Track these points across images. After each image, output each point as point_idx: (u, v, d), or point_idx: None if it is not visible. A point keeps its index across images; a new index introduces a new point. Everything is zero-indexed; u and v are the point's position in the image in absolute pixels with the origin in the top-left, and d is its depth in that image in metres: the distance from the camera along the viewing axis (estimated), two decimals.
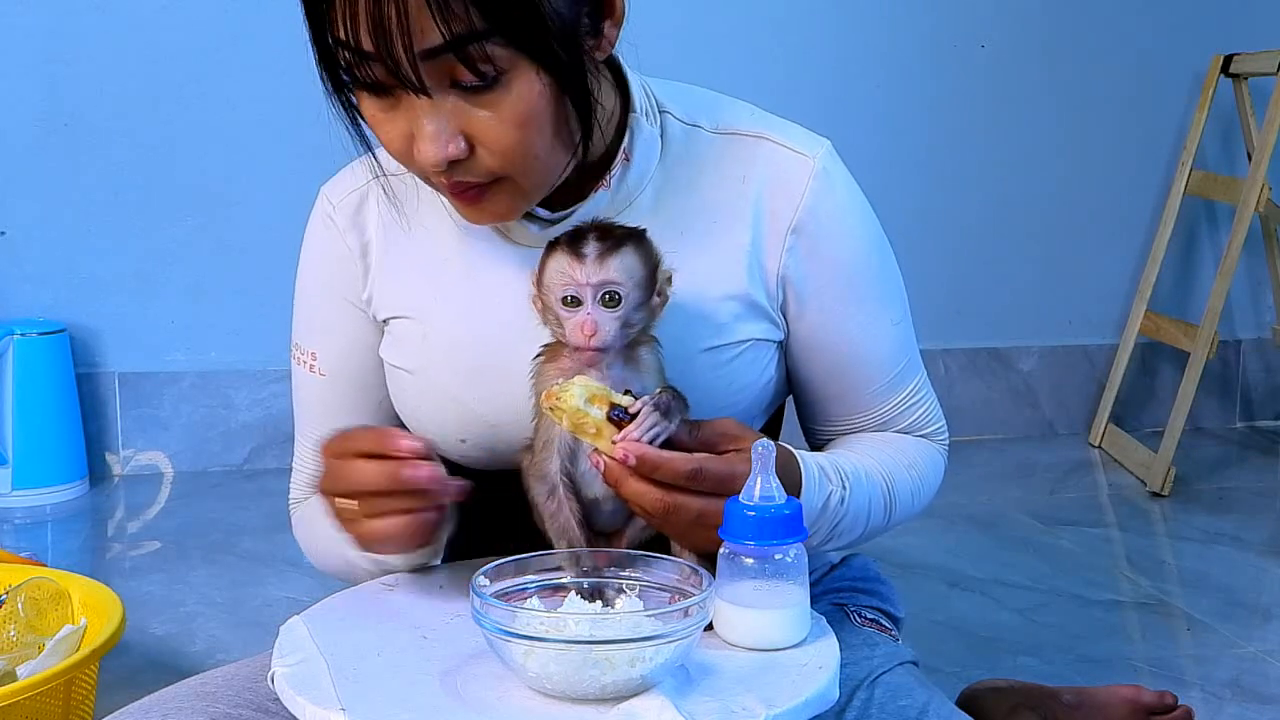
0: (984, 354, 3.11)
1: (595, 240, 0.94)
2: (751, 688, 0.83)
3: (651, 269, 0.96)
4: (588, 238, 0.94)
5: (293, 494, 1.23)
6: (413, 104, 0.92)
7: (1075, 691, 1.50)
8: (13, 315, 2.65)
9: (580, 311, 0.93)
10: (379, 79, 0.91)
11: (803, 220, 1.07)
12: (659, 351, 0.98)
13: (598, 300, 0.93)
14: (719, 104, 1.12)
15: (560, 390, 0.90)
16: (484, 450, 1.08)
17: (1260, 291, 3.21)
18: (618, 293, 0.93)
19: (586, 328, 0.93)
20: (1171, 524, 2.49)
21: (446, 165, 0.93)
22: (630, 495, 0.91)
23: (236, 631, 1.91)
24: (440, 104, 0.91)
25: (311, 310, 1.17)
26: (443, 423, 1.09)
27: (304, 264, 1.18)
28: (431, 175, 0.96)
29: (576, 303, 0.94)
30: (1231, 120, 3.06)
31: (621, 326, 0.94)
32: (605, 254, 0.93)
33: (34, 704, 1.32)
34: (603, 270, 0.93)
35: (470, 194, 0.97)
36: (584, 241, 0.94)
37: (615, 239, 0.95)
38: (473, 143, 0.93)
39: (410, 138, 0.94)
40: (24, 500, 2.54)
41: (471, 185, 0.96)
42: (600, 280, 0.93)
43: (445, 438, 1.09)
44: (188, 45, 2.67)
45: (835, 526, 1.03)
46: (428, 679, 0.85)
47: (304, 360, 1.17)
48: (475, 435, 1.08)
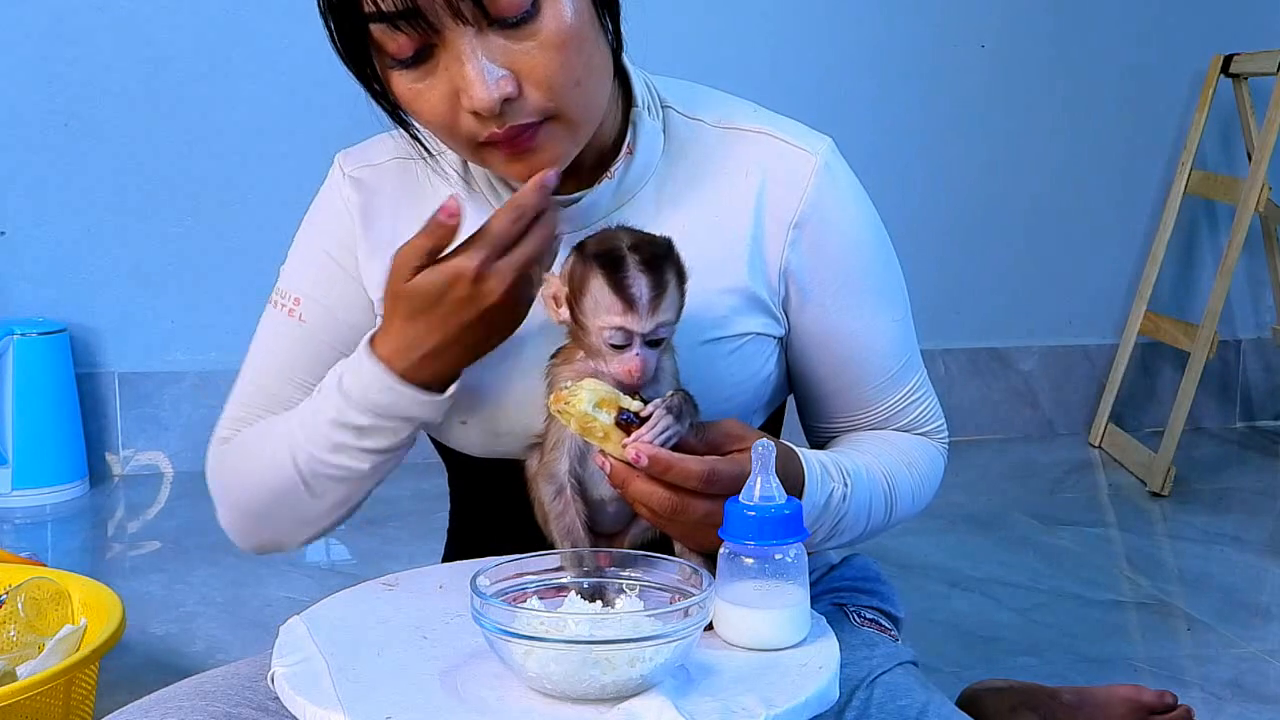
0: (984, 354, 3.11)
1: (644, 275, 0.91)
2: (751, 688, 0.82)
3: (683, 286, 0.95)
4: (629, 269, 0.91)
5: (222, 430, 1.18)
6: (452, 57, 0.92)
7: (1075, 691, 1.50)
8: (13, 315, 2.65)
9: (628, 354, 0.92)
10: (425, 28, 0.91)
11: (805, 215, 1.07)
12: (675, 357, 0.98)
13: (644, 344, 0.93)
14: (721, 100, 1.13)
15: (569, 394, 0.90)
16: (485, 433, 1.08)
17: (1260, 291, 3.21)
18: (663, 336, 0.93)
19: (635, 372, 0.92)
20: (1171, 524, 2.49)
21: (499, 109, 0.93)
22: (637, 495, 0.91)
23: (236, 631, 1.91)
24: (482, 44, 0.92)
25: (307, 259, 1.15)
26: None
27: (308, 217, 1.16)
28: (481, 131, 0.95)
29: (624, 346, 0.93)
30: (1231, 120, 3.06)
31: (660, 356, 0.94)
32: (657, 297, 0.92)
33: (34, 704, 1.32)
34: (654, 318, 0.92)
35: (524, 139, 0.96)
36: (630, 279, 0.91)
37: (661, 270, 0.92)
38: (519, 80, 0.93)
39: (453, 96, 0.94)
40: (24, 500, 2.54)
41: (525, 128, 0.95)
42: (652, 328, 0.92)
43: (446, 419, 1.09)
44: (188, 45, 2.67)
45: (837, 524, 1.03)
46: (428, 679, 0.85)
47: (283, 305, 1.14)
48: (477, 416, 1.07)
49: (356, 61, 0.97)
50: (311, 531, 1.12)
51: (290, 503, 1.08)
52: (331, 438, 1.03)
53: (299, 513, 1.09)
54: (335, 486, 1.06)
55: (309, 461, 1.04)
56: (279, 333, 1.15)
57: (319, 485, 1.06)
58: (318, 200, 1.16)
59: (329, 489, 1.06)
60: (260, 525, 1.13)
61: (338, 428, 1.02)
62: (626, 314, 0.91)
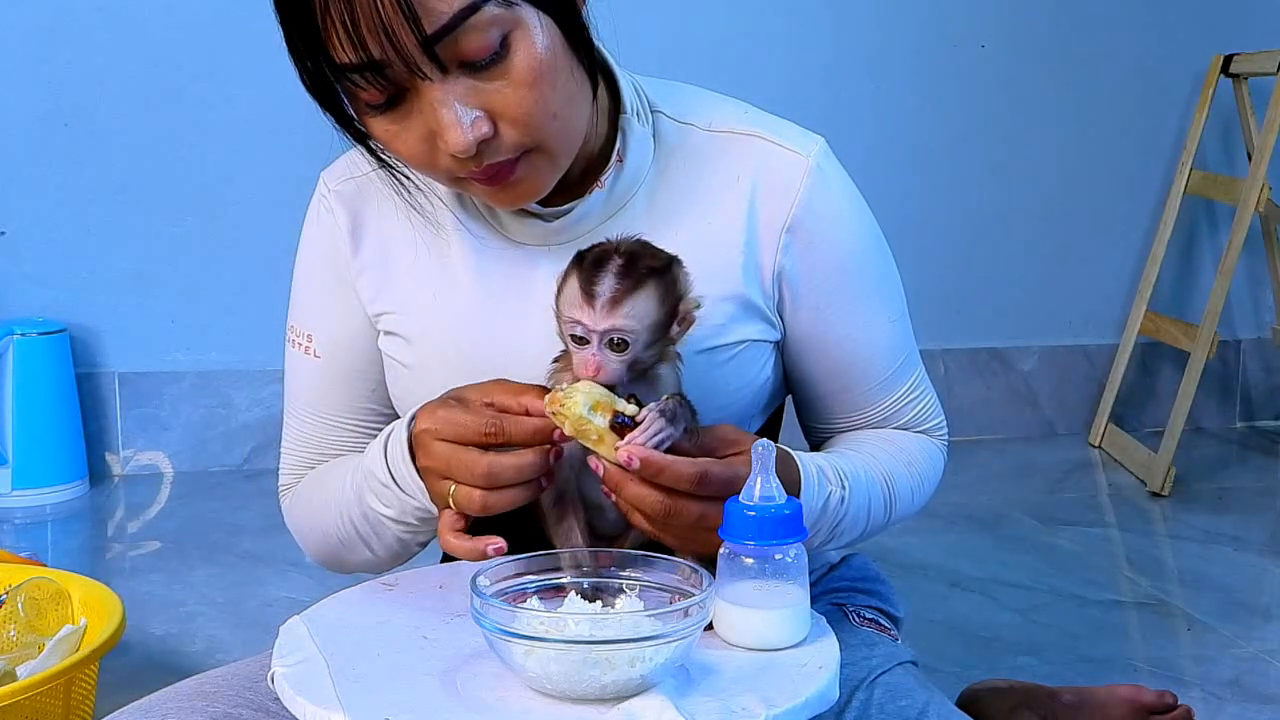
0: (984, 354, 3.11)
1: (614, 276, 0.90)
2: (751, 688, 0.82)
3: (672, 306, 0.93)
4: (607, 270, 0.90)
5: (283, 480, 1.21)
6: (425, 103, 0.92)
7: (1075, 691, 1.50)
8: (13, 315, 2.65)
9: (585, 350, 0.91)
10: (393, 81, 0.90)
11: (798, 218, 1.07)
12: (679, 367, 0.97)
13: (603, 344, 0.91)
14: (712, 102, 1.12)
15: (564, 396, 0.90)
16: None
17: (1260, 291, 3.21)
18: (625, 340, 0.91)
19: (587, 369, 0.91)
20: (1171, 524, 2.49)
21: (475, 149, 0.92)
22: (630, 499, 0.90)
23: (236, 631, 1.91)
24: (453, 90, 0.91)
25: (308, 293, 1.16)
26: None
27: (301, 247, 1.17)
28: (459, 170, 0.95)
29: (583, 341, 0.91)
30: (1231, 120, 3.06)
31: (628, 367, 0.92)
32: (619, 298, 0.90)
33: (34, 704, 1.32)
34: (610, 318, 0.90)
35: (503, 173, 0.96)
36: (601, 276, 0.90)
37: (637, 276, 0.91)
38: (494, 119, 0.93)
39: (430, 138, 0.93)
40: (24, 500, 2.54)
41: (503, 164, 0.95)
42: (607, 328, 0.90)
43: None
44: (188, 45, 2.67)
45: (836, 526, 1.03)
46: (428, 679, 0.85)
47: (299, 343, 1.16)
48: None
49: (332, 107, 0.96)
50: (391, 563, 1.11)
51: (356, 549, 1.09)
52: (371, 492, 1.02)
53: (365, 557, 1.09)
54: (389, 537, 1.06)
55: (360, 518, 1.05)
56: (299, 370, 1.18)
57: (373, 538, 1.06)
58: (306, 226, 1.16)
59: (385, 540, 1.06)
60: (343, 564, 1.14)
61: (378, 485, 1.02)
62: (584, 307, 0.90)
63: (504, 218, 1.07)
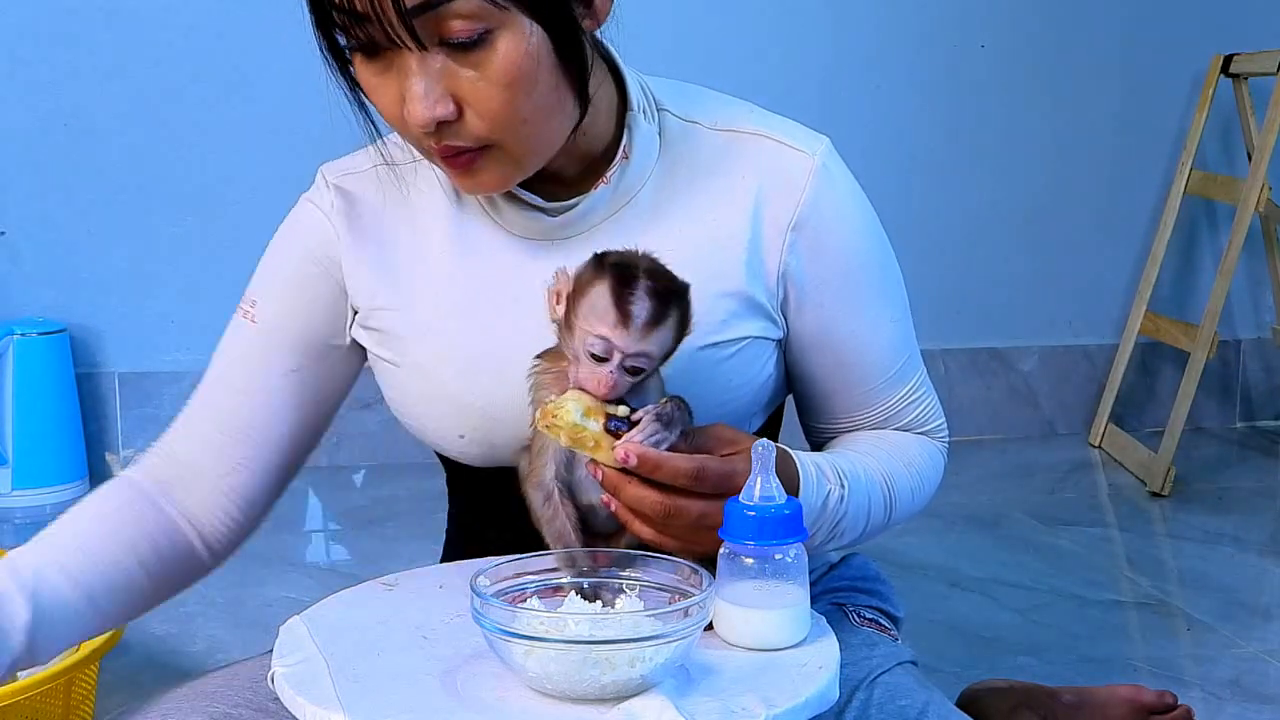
0: (984, 354, 3.11)
1: (648, 298, 0.90)
2: (751, 688, 0.83)
3: (680, 335, 0.93)
4: (637, 289, 0.90)
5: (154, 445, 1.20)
6: (404, 66, 0.93)
7: (1075, 691, 1.50)
8: (13, 315, 2.65)
9: (603, 369, 0.90)
10: (372, 38, 0.92)
11: (803, 217, 1.07)
12: (661, 375, 0.97)
13: (623, 366, 0.91)
14: (718, 102, 1.12)
15: (555, 407, 0.90)
16: (484, 445, 1.08)
17: (1260, 291, 3.21)
18: (643, 367, 0.91)
19: (604, 386, 0.90)
20: (1171, 524, 2.48)
21: (435, 127, 0.93)
22: (630, 500, 0.90)
23: (236, 631, 1.90)
24: (429, 63, 0.92)
25: (273, 266, 1.15)
26: (440, 418, 1.09)
27: (283, 229, 1.16)
28: (423, 141, 0.97)
29: (603, 359, 0.91)
30: (1231, 120, 3.06)
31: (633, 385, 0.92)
32: (653, 323, 0.90)
33: (34, 704, 1.32)
34: (642, 343, 0.90)
35: (461, 160, 0.97)
36: (633, 295, 0.90)
37: (664, 299, 0.91)
38: (461, 105, 0.93)
39: (402, 100, 0.94)
40: (24, 500, 2.54)
41: (462, 151, 0.96)
42: (637, 351, 0.90)
43: (444, 434, 1.09)
44: (188, 45, 2.67)
45: (835, 526, 1.03)
46: (428, 679, 0.85)
47: (244, 310, 1.15)
48: (474, 430, 1.08)
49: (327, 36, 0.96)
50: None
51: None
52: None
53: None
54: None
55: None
56: (231, 333, 1.17)
57: None
58: (295, 211, 1.16)
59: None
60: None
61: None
62: (617, 328, 0.90)
63: (505, 211, 1.07)
